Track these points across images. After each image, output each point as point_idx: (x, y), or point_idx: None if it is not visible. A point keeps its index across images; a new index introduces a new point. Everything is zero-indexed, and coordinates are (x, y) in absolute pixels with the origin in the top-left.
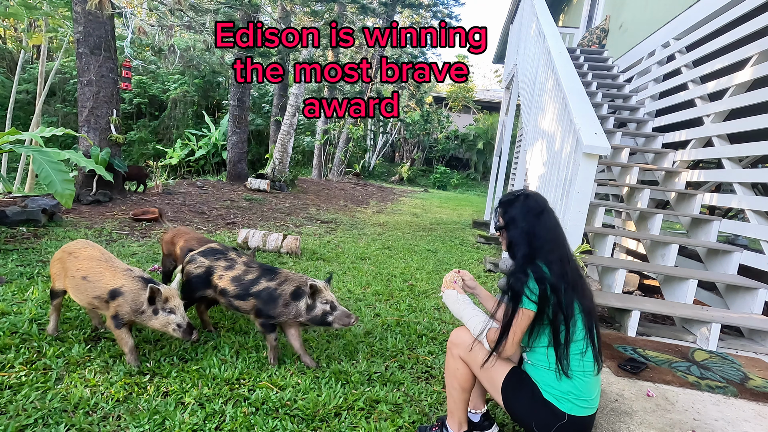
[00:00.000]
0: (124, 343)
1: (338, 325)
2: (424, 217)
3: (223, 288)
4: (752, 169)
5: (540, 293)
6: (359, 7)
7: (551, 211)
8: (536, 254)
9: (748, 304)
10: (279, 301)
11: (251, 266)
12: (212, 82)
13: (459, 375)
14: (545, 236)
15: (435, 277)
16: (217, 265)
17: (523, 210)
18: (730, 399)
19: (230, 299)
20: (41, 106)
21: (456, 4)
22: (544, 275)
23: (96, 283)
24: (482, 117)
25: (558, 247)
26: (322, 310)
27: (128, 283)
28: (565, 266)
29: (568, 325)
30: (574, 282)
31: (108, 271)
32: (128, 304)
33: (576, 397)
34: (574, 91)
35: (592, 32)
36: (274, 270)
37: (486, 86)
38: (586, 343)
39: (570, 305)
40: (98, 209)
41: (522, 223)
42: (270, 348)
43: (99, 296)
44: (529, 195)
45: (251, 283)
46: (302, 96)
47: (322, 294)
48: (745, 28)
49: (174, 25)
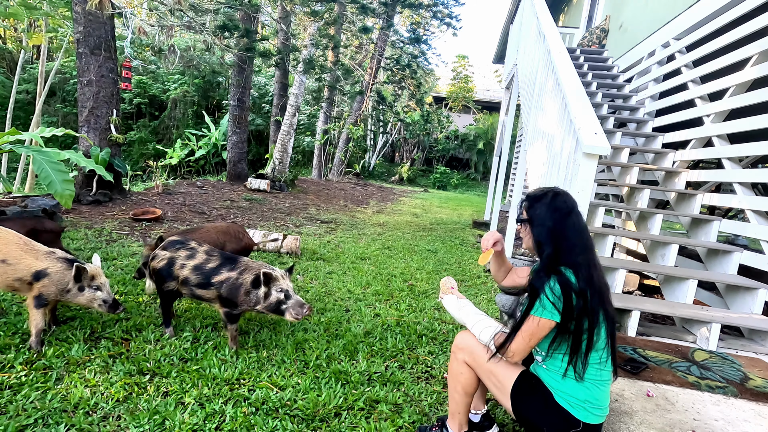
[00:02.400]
0: (36, 323)
1: (291, 316)
2: (424, 217)
3: (185, 277)
4: (752, 169)
5: (564, 302)
6: (359, 7)
7: (579, 214)
8: (562, 256)
9: (748, 304)
10: (241, 289)
11: (212, 255)
12: (212, 82)
13: (463, 379)
14: (572, 238)
15: (435, 277)
16: (178, 255)
17: (551, 208)
18: (730, 399)
19: (192, 288)
20: (41, 106)
21: (456, 4)
22: (569, 282)
23: (17, 266)
24: (482, 117)
25: (586, 251)
26: (276, 298)
27: (53, 264)
28: (592, 271)
29: (591, 334)
30: (600, 289)
31: (28, 253)
32: (54, 285)
33: (592, 406)
34: (574, 91)
35: (592, 32)
36: (234, 259)
37: (486, 86)
38: (607, 352)
39: (596, 313)
40: (98, 209)
41: (548, 222)
42: (230, 338)
43: (21, 278)
44: (559, 193)
45: (213, 272)
46: (302, 96)
47: (277, 282)
48: (745, 28)
49: (174, 25)
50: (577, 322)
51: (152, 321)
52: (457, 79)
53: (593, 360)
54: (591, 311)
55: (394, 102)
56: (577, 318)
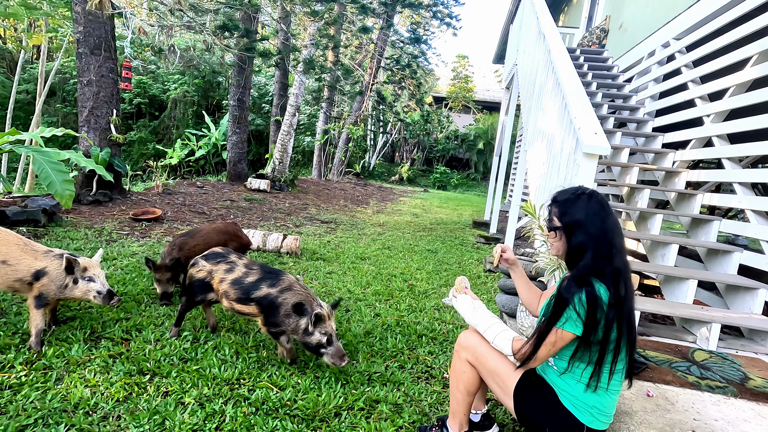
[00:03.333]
0: (36, 324)
1: (327, 360)
2: (424, 217)
3: (224, 291)
4: (752, 169)
5: (588, 315)
6: (359, 7)
7: (614, 213)
8: (600, 263)
9: (748, 304)
10: (281, 309)
11: (252, 268)
12: (212, 82)
13: (465, 378)
14: (615, 242)
15: (435, 277)
16: (218, 269)
17: (590, 211)
18: (730, 399)
19: (232, 302)
20: (41, 106)
21: (456, 4)
22: (597, 296)
23: (17, 266)
24: (482, 117)
25: (623, 254)
26: (318, 340)
27: (51, 262)
28: (626, 274)
29: (619, 344)
30: (630, 298)
31: (28, 253)
32: (53, 283)
33: (599, 412)
34: (574, 91)
35: (592, 32)
36: (277, 274)
37: (486, 86)
38: (626, 361)
39: (622, 324)
40: (98, 209)
41: (590, 227)
42: (286, 351)
43: (21, 279)
44: (593, 194)
45: (252, 286)
46: (302, 96)
47: (323, 324)
48: (745, 28)
49: (174, 25)
50: (604, 334)
51: (152, 321)
52: (457, 79)
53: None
54: (621, 322)
55: (394, 102)
56: (605, 329)
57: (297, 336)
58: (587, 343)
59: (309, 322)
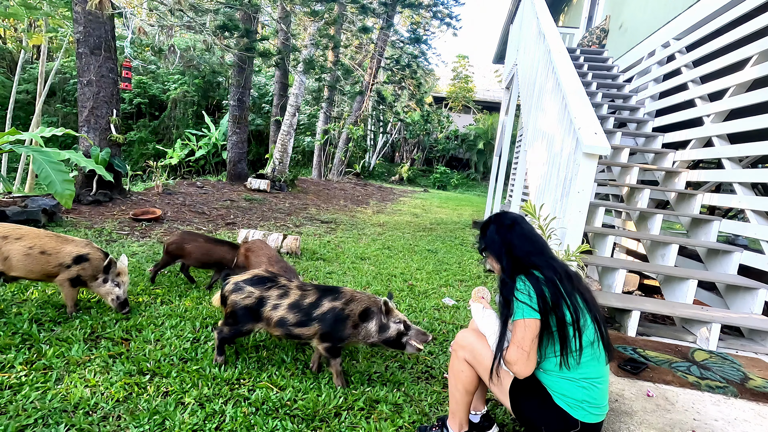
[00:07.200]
0: (72, 297)
1: (412, 348)
2: (424, 217)
3: (280, 318)
4: (752, 169)
5: (538, 296)
6: (359, 7)
7: (524, 221)
8: (519, 263)
9: (748, 304)
10: (348, 322)
11: (307, 289)
12: (212, 82)
13: (463, 377)
14: (523, 245)
15: (435, 277)
16: (270, 295)
17: (496, 226)
18: (730, 399)
19: (290, 328)
20: (41, 106)
21: (456, 4)
22: (536, 277)
23: (58, 254)
24: (482, 117)
25: (540, 252)
26: (396, 330)
27: (94, 251)
28: (552, 263)
29: (576, 321)
30: (567, 274)
31: (67, 242)
32: (92, 269)
33: (590, 405)
34: (574, 91)
35: (592, 32)
36: (335, 289)
37: (486, 86)
38: (599, 345)
39: (571, 295)
40: (98, 209)
41: (497, 238)
42: (335, 374)
43: (62, 263)
44: (498, 214)
45: (312, 306)
46: (302, 96)
47: (394, 313)
48: (745, 28)
49: (174, 25)
50: (557, 314)
51: (152, 321)
52: (457, 79)
53: (585, 356)
54: (567, 295)
55: (394, 102)
56: (554, 309)
57: (372, 339)
58: (548, 328)
59: (380, 318)
